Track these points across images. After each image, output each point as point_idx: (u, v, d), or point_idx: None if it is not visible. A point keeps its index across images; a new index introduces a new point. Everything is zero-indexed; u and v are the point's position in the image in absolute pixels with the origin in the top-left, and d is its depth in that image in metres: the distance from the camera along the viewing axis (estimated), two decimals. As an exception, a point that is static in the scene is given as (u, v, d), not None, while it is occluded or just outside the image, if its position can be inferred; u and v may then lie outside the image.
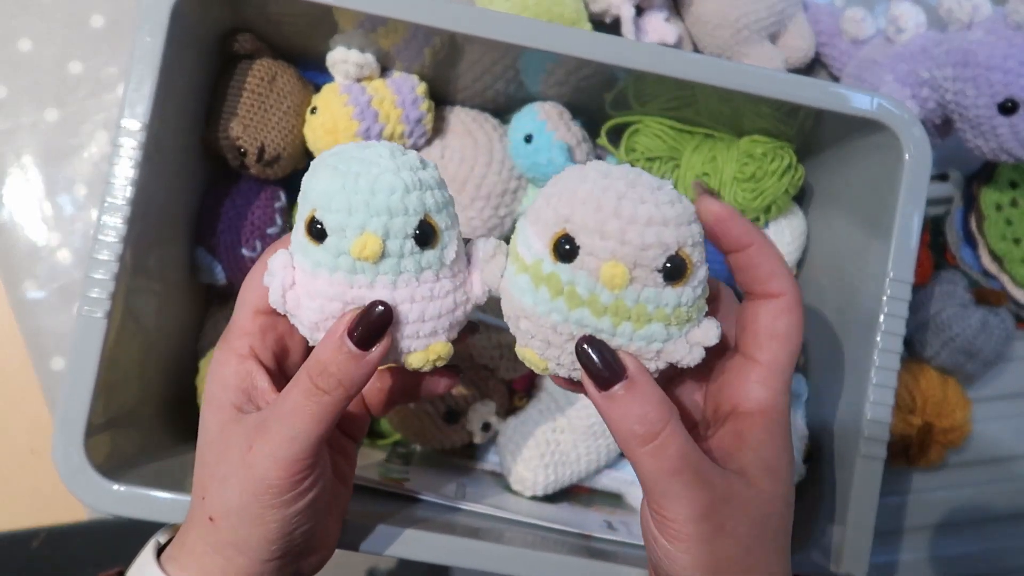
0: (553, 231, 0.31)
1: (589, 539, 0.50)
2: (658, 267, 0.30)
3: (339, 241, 0.31)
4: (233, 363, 0.35)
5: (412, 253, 0.32)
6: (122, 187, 0.44)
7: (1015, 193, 0.64)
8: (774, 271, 0.33)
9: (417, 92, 0.54)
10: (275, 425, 0.32)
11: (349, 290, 0.32)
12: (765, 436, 0.32)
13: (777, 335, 0.33)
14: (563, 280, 0.31)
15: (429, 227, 0.32)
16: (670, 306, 0.31)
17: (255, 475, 0.32)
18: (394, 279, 0.32)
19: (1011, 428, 0.69)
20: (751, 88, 0.47)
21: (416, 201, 0.31)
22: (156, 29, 0.44)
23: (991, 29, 0.53)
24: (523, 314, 0.32)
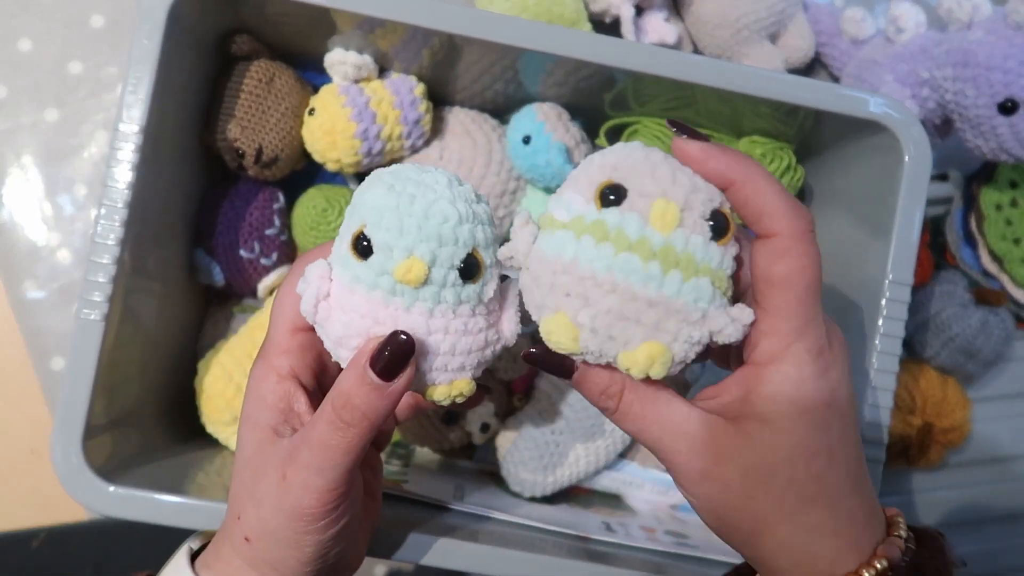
0: (598, 182, 0.30)
1: (588, 541, 0.50)
2: (705, 215, 0.30)
3: (384, 260, 0.30)
4: (272, 382, 0.35)
5: (453, 285, 0.31)
6: (120, 190, 0.44)
7: (1015, 193, 0.63)
8: (762, 209, 0.30)
9: (415, 93, 0.54)
10: (306, 455, 0.32)
11: (383, 310, 0.31)
12: (768, 389, 0.30)
13: (775, 281, 0.30)
14: (609, 224, 0.29)
15: (475, 261, 0.31)
16: (715, 262, 0.30)
17: (289, 503, 0.32)
18: (431, 308, 0.31)
19: (1011, 428, 0.69)
20: (751, 89, 0.47)
21: (467, 233, 0.31)
22: (154, 31, 0.44)
23: (991, 29, 0.53)
24: (561, 268, 0.30)
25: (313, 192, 0.55)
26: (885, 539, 0.31)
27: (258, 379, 0.35)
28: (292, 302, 0.34)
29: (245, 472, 0.34)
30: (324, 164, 0.55)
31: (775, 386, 0.30)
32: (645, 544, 0.50)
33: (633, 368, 0.30)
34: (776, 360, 0.30)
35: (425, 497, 0.50)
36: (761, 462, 0.30)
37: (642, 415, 0.32)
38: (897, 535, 0.32)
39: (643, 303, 0.29)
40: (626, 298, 0.29)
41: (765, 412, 0.30)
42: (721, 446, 0.30)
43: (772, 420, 0.30)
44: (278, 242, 0.55)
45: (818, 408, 0.30)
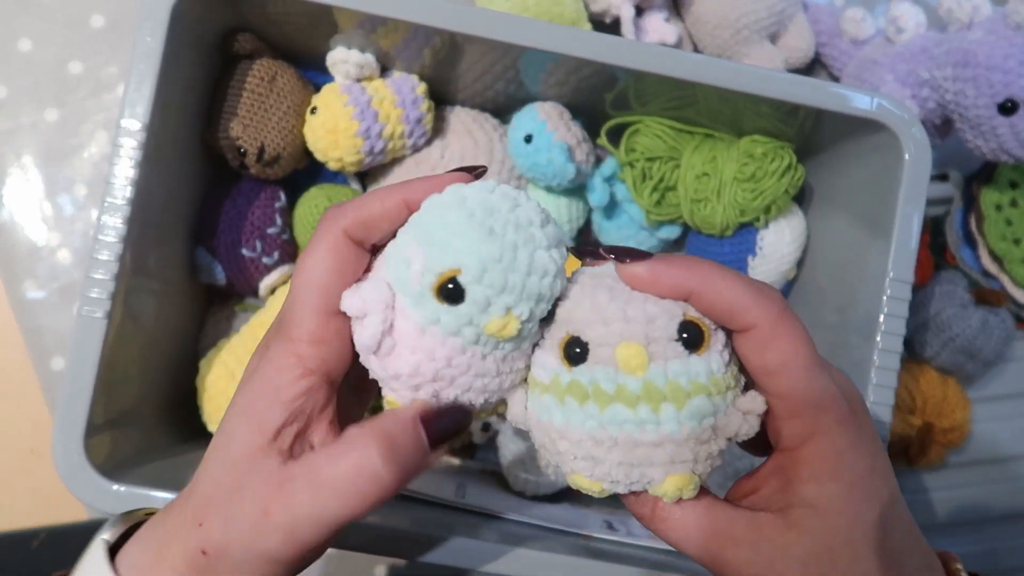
0: (558, 338, 0.30)
1: (589, 539, 0.50)
2: (672, 336, 0.28)
3: (477, 313, 0.28)
4: (294, 373, 0.29)
5: (530, 334, 0.30)
6: (122, 187, 0.44)
7: (1015, 193, 0.64)
8: (731, 307, 0.28)
9: (417, 92, 0.54)
10: (304, 495, 0.27)
11: (460, 356, 0.29)
12: (807, 471, 0.28)
13: (772, 371, 0.28)
14: (585, 382, 0.29)
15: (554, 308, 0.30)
16: (703, 375, 0.28)
17: (262, 545, 0.27)
18: (505, 355, 0.30)
19: (1011, 428, 0.69)
20: (751, 88, 0.47)
21: (557, 285, 0.29)
22: (156, 29, 0.44)
23: (991, 29, 0.53)
24: (558, 435, 0.30)
25: (315, 191, 0.55)
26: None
27: (277, 367, 0.29)
28: (324, 280, 0.29)
29: (224, 475, 0.29)
30: (326, 163, 0.55)
31: (814, 468, 0.28)
32: (647, 542, 0.50)
33: (666, 497, 0.30)
34: (808, 440, 0.28)
35: (427, 496, 0.50)
36: (819, 550, 0.28)
37: (682, 522, 0.30)
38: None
39: (649, 446, 0.28)
40: (629, 447, 0.28)
41: (811, 497, 0.28)
42: (773, 544, 0.28)
43: (821, 504, 0.28)
44: (280, 241, 0.55)
45: (863, 478, 0.28)
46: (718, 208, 0.55)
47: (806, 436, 0.28)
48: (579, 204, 0.59)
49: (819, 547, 0.28)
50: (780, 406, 0.29)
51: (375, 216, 0.30)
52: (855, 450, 0.28)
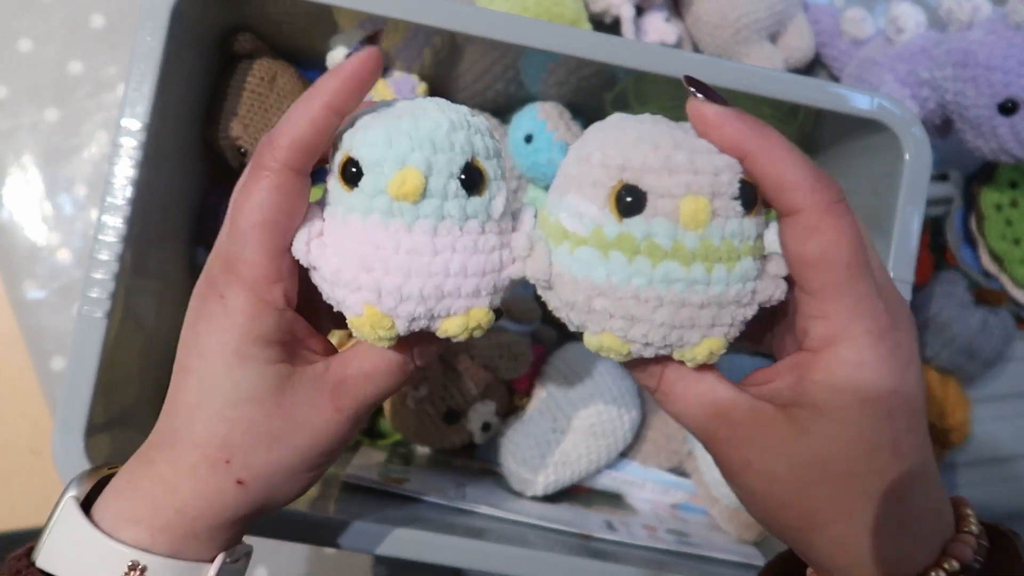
0: (608, 186, 0.27)
1: (589, 539, 0.50)
2: (734, 193, 0.27)
3: (376, 179, 0.28)
4: (272, 316, 0.30)
5: (456, 196, 0.28)
6: (122, 187, 0.44)
7: (1015, 193, 0.64)
8: (782, 182, 0.27)
9: (417, 92, 0.54)
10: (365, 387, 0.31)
11: (382, 233, 0.28)
12: (822, 375, 0.27)
13: (810, 261, 0.27)
14: (637, 236, 0.27)
15: (477, 171, 0.29)
16: (752, 236, 0.28)
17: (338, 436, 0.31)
18: (435, 224, 0.28)
19: (1011, 428, 0.69)
20: (752, 88, 0.47)
21: (463, 139, 0.28)
22: (157, 29, 0.44)
23: (991, 29, 0.53)
24: (596, 292, 0.28)
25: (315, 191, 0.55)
26: (955, 536, 0.28)
27: (250, 317, 0.29)
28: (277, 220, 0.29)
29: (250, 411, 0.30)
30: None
31: (832, 373, 0.27)
32: (647, 542, 0.50)
33: (691, 362, 0.29)
34: (832, 344, 0.27)
35: (426, 496, 0.50)
36: (814, 456, 0.27)
37: (683, 395, 0.29)
38: (968, 531, 0.29)
39: (695, 307, 0.27)
40: (676, 307, 0.27)
41: (821, 401, 0.27)
42: (768, 435, 0.28)
43: (829, 410, 0.27)
44: (279, 241, 0.55)
45: (883, 397, 0.27)
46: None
47: (831, 340, 0.27)
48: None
49: (814, 453, 0.27)
50: (811, 304, 0.28)
51: (310, 137, 0.29)
52: (881, 366, 0.27)
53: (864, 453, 0.27)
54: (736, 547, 0.53)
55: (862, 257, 0.27)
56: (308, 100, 0.29)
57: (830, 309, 0.27)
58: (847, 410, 0.27)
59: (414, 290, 0.28)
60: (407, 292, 0.28)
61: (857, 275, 0.27)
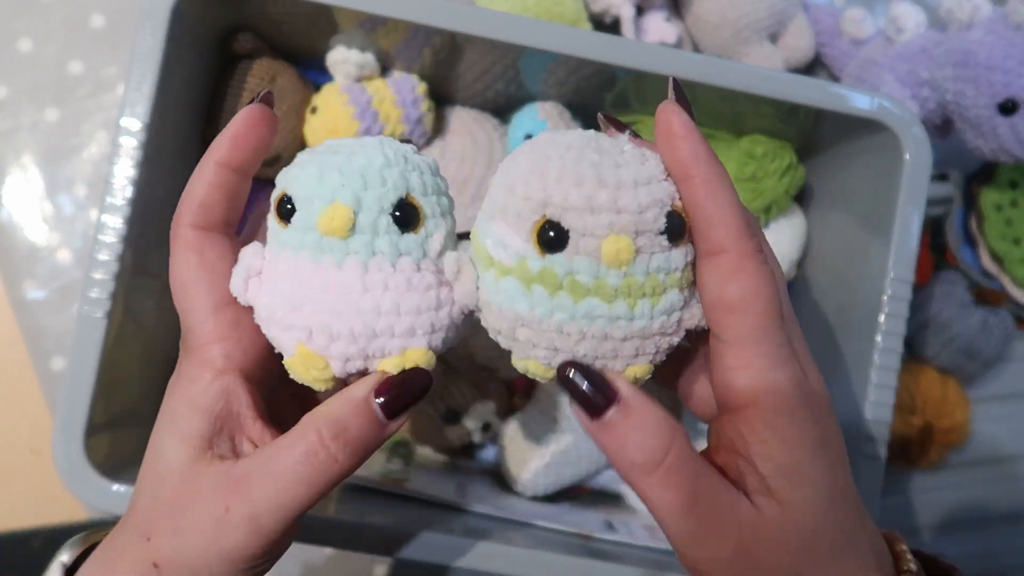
0: (531, 220, 0.27)
1: (589, 539, 0.50)
2: (659, 229, 0.26)
3: (306, 215, 0.27)
4: (206, 378, 0.29)
5: (388, 232, 0.27)
6: (122, 187, 0.44)
7: (1015, 193, 0.64)
8: (714, 218, 0.26)
9: (417, 92, 0.54)
10: (262, 487, 0.27)
11: (311, 270, 0.27)
12: (767, 432, 0.26)
13: (731, 304, 0.26)
14: (559, 272, 0.26)
15: (411, 207, 0.28)
16: (680, 267, 0.27)
17: (228, 543, 0.27)
18: (365, 260, 0.27)
19: (1011, 428, 0.69)
20: (752, 88, 0.47)
21: (397, 175, 0.28)
22: (157, 29, 0.44)
23: (991, 29, 0.53)
24: (519, 322, 0.28)
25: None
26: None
27: (186, 380, 0.29)
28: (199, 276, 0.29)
29: (162, 489, 0.28)
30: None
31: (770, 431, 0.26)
32: (647, 542, 0.50)
33: None
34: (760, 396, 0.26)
35: (426, 496, 0.50)
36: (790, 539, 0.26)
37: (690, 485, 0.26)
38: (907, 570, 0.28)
39: (617, 340, 0.27)
40: (598, 341, 0.27)
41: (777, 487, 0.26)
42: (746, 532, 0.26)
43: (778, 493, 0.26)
44: (279, 241, 0.55)
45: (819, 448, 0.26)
46: (718, 208, 0.55)
47: (757, 391, 0.26)
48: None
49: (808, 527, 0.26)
50: (729, 353, 0.26)
51: (204, 196, 0.30)
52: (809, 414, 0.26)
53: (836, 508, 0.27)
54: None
55: (779, 307, 0.26)
56: (201, 163, 0.30)
57: (751, 358, 0.26)
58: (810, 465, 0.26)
59: (344, 328, 0.27)
60: (337, 331, 0.27)
61: (776, 321, 0.26)
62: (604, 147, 0.27)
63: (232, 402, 0.29)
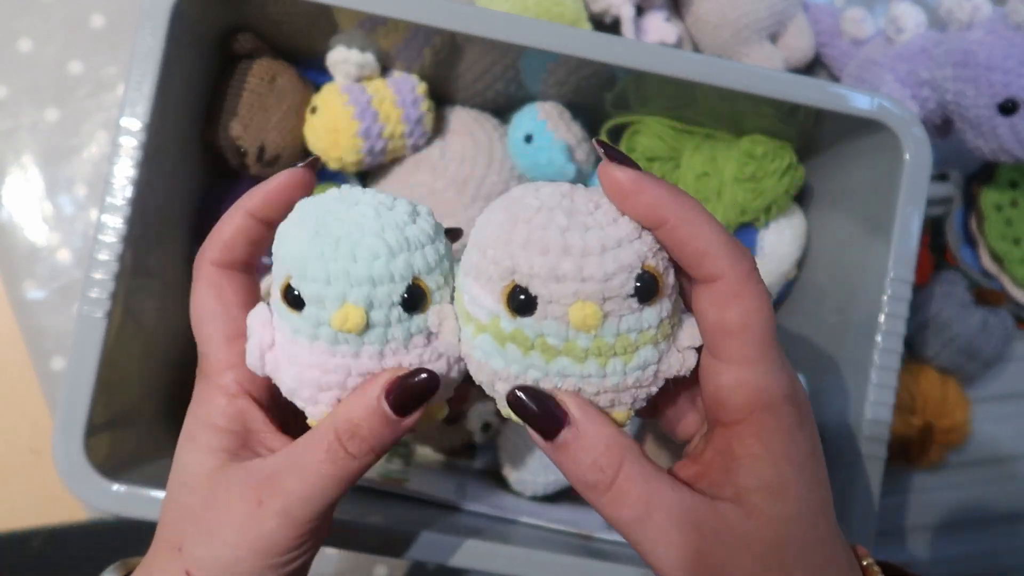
0: (501, 285, 0.27)
1: (589, 539, 0.50)
2: (628, 292, 0.27)
3: (318, 312, 0.28)
4: (220, 404, 0.31)
5: (400, 321, 0.29)
6: (122, 187, 0.44)
7: (1015, 193, 0.64)
8: (702, 249, 0.26)
9: (417, 92, 0.54)
10: (291, 481, 0.29)
11: (331, 359, 0.29)
12: (758, 448, 0.27)
13: (730, 328, 0.27)
14: (530, 334, 0.27)
15: (419, 291, 0.29)
16: (653, 326, 0.27)
17: (262, 533, 0.29)
18: (381, 348, 0.29)
19: (1011, 428, 0.69)
20: (751, 88, 0.47)
21: (403, 265, 0.28)
22: (157, 29, 0.44)
23: (991, 29, 0.53)
24: (496, 377, 0.29)
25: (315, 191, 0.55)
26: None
27: (203, 400, 0.31)
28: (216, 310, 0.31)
29: (189, 498, 0.30)
30: (326, 163, 0.55)
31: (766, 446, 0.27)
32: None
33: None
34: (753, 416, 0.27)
35: (427, 496, 0.50)
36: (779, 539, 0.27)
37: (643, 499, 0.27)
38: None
39: (591, 395, 0.28)
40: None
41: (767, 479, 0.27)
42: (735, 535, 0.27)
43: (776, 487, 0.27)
44: (279, 241, 0.55)
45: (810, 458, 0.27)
46: (718, 208, 0.55)
47: (753, 408, 0.27)
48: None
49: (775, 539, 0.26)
50: (728, 373, 0.27)
51: (229, 238, 0.32)
52: (801, 430, 0.27)
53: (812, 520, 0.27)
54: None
55: (774, 327, 0.27)
56: (234, 208, 0.32)
57: (750, 376, 0.27)
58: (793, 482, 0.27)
59: None
60: None
61: (774, 341, 0.27)
62: (576, 206, 0.27)
63: (248, 420, 0.31)
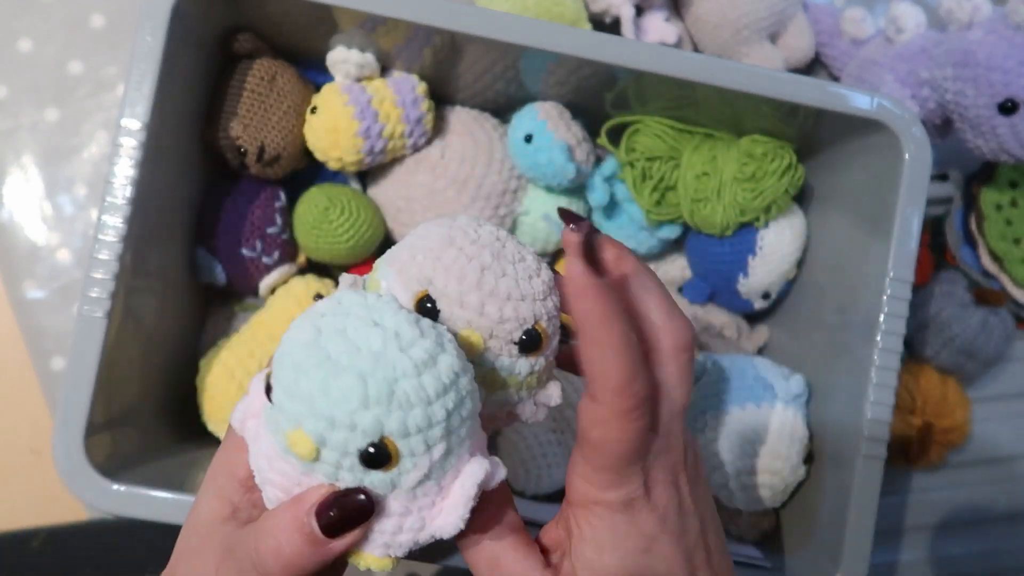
0: (416, 289, 0.30)
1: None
2: (514, 339, 0.30)
3: (278, 418, 0.27)
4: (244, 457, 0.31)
5: (351, 470, 0.27)
6: (122, 187, 0.44)
7: (1015, 193, 0.64)
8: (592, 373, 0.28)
9: (417, 92, 0.54)
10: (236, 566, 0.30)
11: (282, 462, 0.28)
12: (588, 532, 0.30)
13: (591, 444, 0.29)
14: None
15: (384, 451, 0.26)
16: (522, 374, 0.31)
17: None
18: (332, 481, 0.27)
19: (1011, 428, 0.69)
20: (751, 88, 0.47)
21: (370, 421, 0.26)
22: (157, 29, 0.44)
23: (991, 29, 0.53)
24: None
25: (315, 191, 0.55)
26: None
27: (232, 449, 0.32)
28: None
29: (192, 536, 0.32)
30: (326, 163, 0.55)
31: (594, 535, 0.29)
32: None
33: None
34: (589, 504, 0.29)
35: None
36: None
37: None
38: None
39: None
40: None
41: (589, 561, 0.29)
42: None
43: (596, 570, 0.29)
44: (280, 241, 0.55)
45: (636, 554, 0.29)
46: (718, 208, 0.55)
47: (589, 503, 0.29)
48: (579, 204, 0.59)
49: None
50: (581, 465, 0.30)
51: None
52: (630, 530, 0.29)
53: None
54: (736, 546, 0.53)
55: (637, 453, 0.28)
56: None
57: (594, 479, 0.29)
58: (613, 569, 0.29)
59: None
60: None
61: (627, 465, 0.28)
62: (505, 252, 0.31)
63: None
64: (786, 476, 0.52)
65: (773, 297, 0.60)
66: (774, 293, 0.60)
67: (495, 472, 0.29)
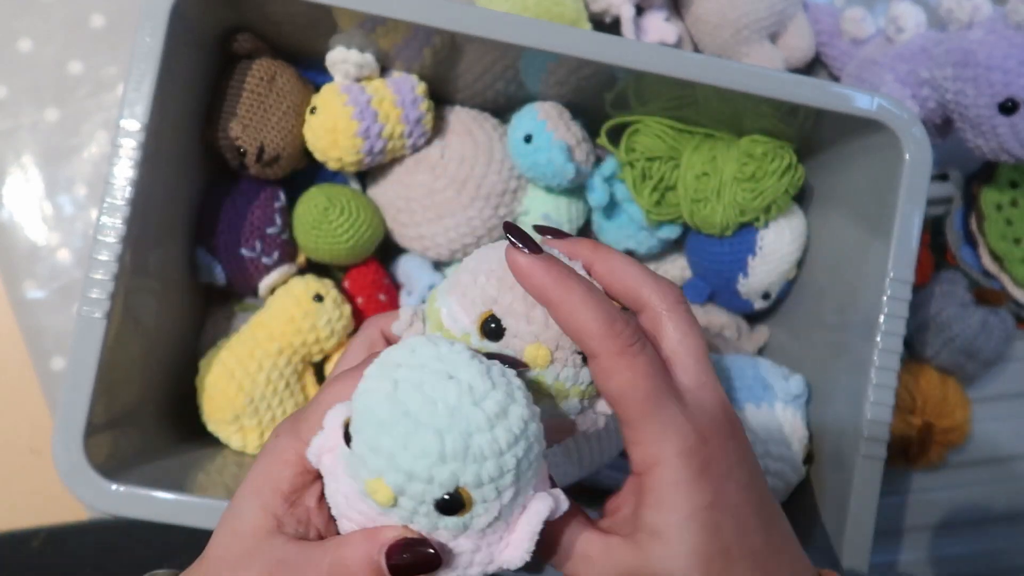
0: (480, 310, 0.32)
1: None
2: (578, 350, 0.32)
3: (358, 464, 0.28)
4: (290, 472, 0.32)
5: (427, 515, 0.28)
6: (122, 187, 0.44)
7: (1015, 193, 0.64)
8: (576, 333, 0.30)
9: (417, 92, 0.54)
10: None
11: (360, 503, 0.29)
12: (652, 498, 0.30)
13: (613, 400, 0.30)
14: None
15: (458, 499, 0.28)
16: (585, 383, 0.32)
17: None
18: (407, 523, 0.29)
19: (1011, 428, 0.69)
20: (751, 88, 0.47)
21: (447, 474, 0.27)
22: (156, 29, 0.44)
23: (991, 29, 0.53)
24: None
25: (314, 191, 0.55)
26: None
27: (282, 460, 0.32)
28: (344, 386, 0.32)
29: (234, 547, 0.32)
30: (325, 163, 0.55)
31: (656, 496, 0.30)
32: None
33: None
34: (650, 467, 0.30)
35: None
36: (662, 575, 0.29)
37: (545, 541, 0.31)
38: None
39: None
40: None
41: (653, 523, 0.30)
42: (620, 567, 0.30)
43: (660, 531, 0.29)
44: (279, 241, 0.55)
45: (701, 510, 0.29)
46: (718, 208, 0.55)
47: (649, 464, 0.30)
48: (579, 204, 0.59)
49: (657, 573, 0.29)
50: (627, 432, 0.30)
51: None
52: (694, 484, 0.29)
53: (698, 566, 0.29)
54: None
55: (661, 387, 0.30)
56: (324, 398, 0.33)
57: (641, 436, 0.30)
58: (674, 528, 0.29)
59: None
60: None
61: (657, 404, 0.29)
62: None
63: (306, 492, 0.32)
64: (786, 476, 0.52)
65: (773, 297, 0.60)
66: (774, 293, 0.60)
67: (559, 506, 0.30)
